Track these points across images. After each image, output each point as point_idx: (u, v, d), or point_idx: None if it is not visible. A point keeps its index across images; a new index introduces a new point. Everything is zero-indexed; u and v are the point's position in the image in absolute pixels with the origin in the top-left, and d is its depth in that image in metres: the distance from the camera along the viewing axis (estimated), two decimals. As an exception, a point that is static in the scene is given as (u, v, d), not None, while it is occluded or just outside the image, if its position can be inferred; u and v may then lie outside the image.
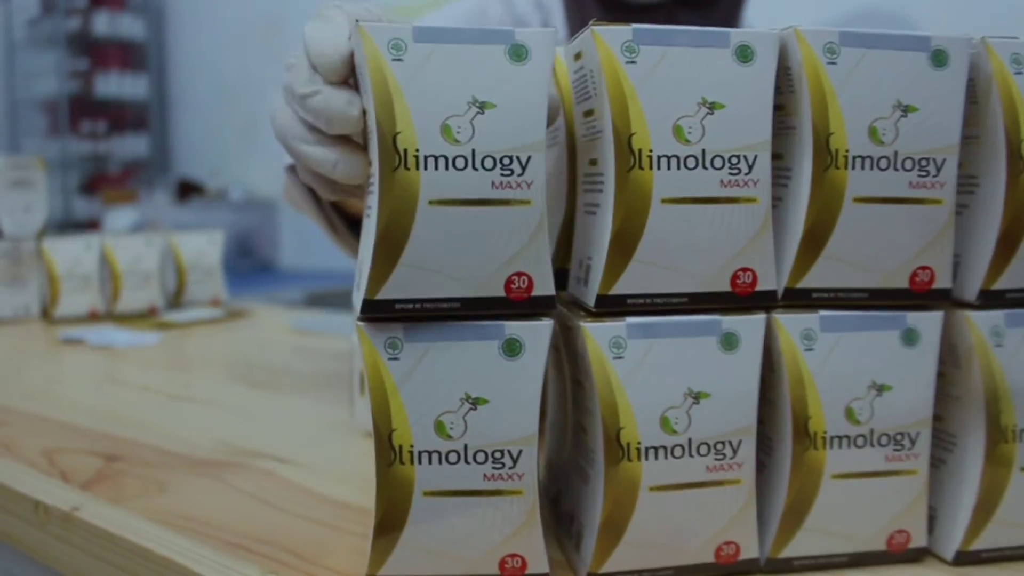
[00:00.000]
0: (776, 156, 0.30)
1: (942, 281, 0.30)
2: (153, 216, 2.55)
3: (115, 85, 3.00)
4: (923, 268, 0.29)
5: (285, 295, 1.78)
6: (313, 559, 0.31)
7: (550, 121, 0.28)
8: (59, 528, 0.36)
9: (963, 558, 0.30)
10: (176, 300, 0.98)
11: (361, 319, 0.27)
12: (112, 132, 3.04)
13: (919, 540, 0.30)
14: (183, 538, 0.33)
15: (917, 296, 0.30)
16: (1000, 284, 0.30)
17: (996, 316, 0.30)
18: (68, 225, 2.81)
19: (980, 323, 0.30)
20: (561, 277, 0.32)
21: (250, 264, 2.57)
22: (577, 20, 0.77)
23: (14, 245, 0.91)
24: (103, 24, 2.96)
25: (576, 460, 0.31)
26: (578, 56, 0.29)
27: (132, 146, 3.09)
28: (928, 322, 0.29)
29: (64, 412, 0.53)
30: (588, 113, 0.29)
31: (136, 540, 0.33)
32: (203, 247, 1.00)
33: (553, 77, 0.28)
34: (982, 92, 0.29)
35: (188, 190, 2.78)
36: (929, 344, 0.29)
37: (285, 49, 0.27)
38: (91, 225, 2.73)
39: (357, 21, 0.27)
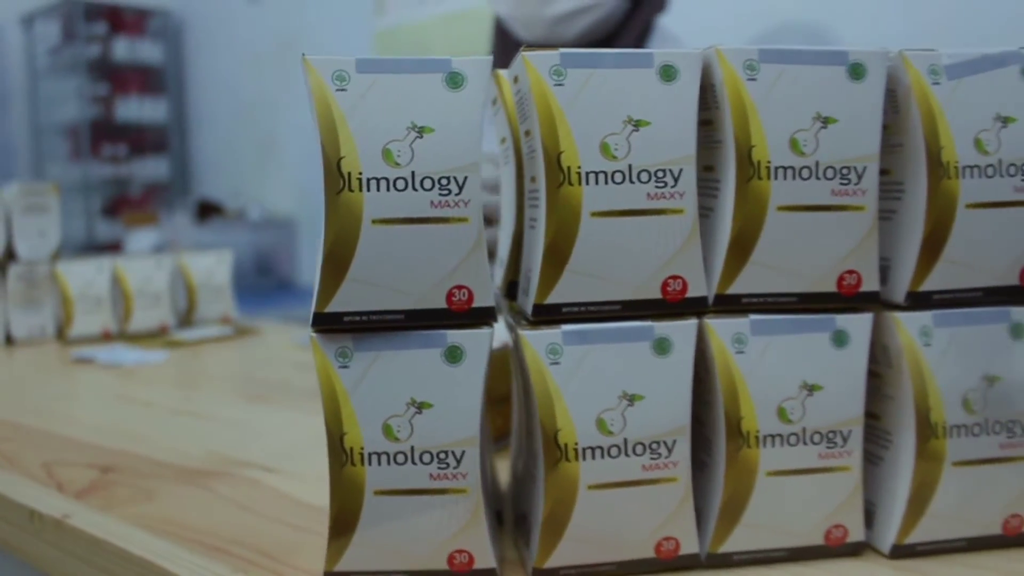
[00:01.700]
0: (707, 168, 0.31)
1: (869, 284, 0.31)
2: (173, 237, 2.61)
3: (135, 109, 3.09)
4: (850, 272, 0.31)
5: (301, 312, 1.81)
6: (282, 559, 0.33)
7: None
8: (52, 535, 0.39)
9: (899, 551, 0.31)
10: (187, 319, 1.02)
11: (313, 331, 0.29)
12: (133, 155, 3.12)
13: (857, 535, 0.32)
14: (163, 541, 0.35)
15: (845, 299, 0.31)
16: (927, 286, 0.31)
17: (924, 317, 0.31)
18: (91, 247, 2.89)
19: (908, 324, 0.31)
20: (515, 289, 0.34)
21: (269, 282, 2.62)
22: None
23: (29, 268, 0.95)
24: (122, 50, 3.05)
25: (528, 463, 0.33)
26: (516, 80, 0.31)
27: (152, 168, 3.17)
28: (857, 324, 0.31)
29: (67, 427, 0.55)
30: (527, 133, 0.31)
31: (119, 544, 0.35)
32: (212, 267, 1.03)
33: (488, 101, 0.30)
34: (903, 103, 0.31)
35: (208, 210, 2.85)
36: (859, 345, 0.31)
37: (299, 68, 0.30)
38: (113, 247, 2.81)
39: (303, 55, 0.29)
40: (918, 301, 0.31)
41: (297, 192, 2.80)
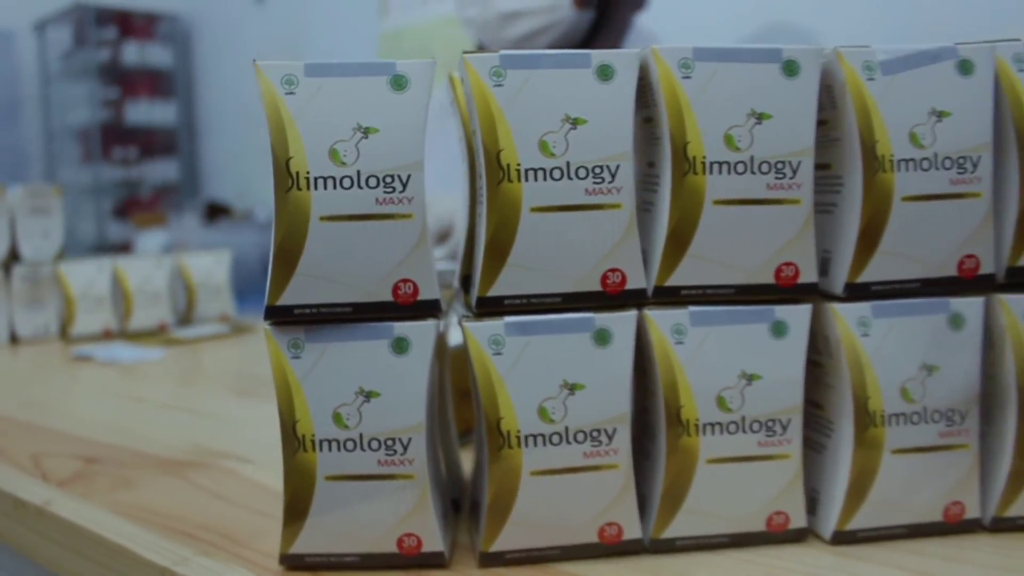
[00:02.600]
0: (650, 164, 0.32)
1: (807, 276, 0.32)
2: (182, 238, 2.64)
3: (145, 112, 3.14)
4: (787, 264, 0.31)
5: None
6: (246, 543, 0.35)
7: None
8: (34, 521, 0.40)
9: (840, 537, 0.32)
10: (187, 317, 1.04)
11: (266, 323, 0.30)
12: (143, 158, 3.17)
13: (798, 521, 0.32)
14: (134, 526, 0.37)
15: (783, 291, 0.32)
16: (865, 277, 0.32)
17: (862, 308, 0.32)
18: (102, 248, 2.93)
19: (846, 315, 0.31)
20: (469, 283, 0.35)
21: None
22: None
23: (33, 269, 0.97)
24: (132, 54, 3.09)
25: (478, 450, 0.34)
26: (462, 81, 0.32)
27: (162, 171, 3.21)
28: (796, 315, 0.31)
29: (58, 421, 0.57)
30: (474, 133, 0.32)
31: (92, 528, 0.37)
32: (211, 267, 1.05)
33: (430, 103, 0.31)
34: (839, 98, 0.32)
35: (216, 212, 2.88)
36: (797, 336, 0.31)
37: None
38: (123, 248, 2.85)
39: (254, 60, 0.30)
40: (856, 292, 0.32)
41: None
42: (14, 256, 0.96)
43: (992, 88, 0.32)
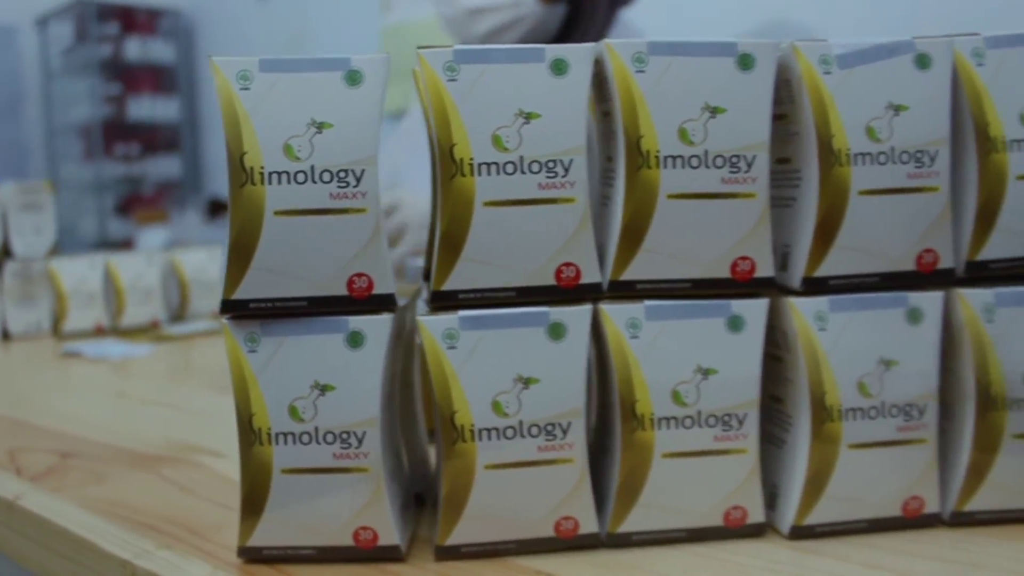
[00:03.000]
0: (608, 158, 0.32)
1: (763, 270, 0.32)
2: (183, 234, 2.65)
3: (147, 108, 3.14)
4: (743, 258, 0.31)
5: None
6: (207, 535, 0.35)
7: None
8: (4, 515, 0.41)
9: (798, 532, 0.32)
10: (180, 313, 1.04)
11: (223, 316, 0.31)
12: (145, 154, 3.18)
13: (756, 516, 0.32)
14: (101, 520, 0.37)
15: (740, 285, 0.32)
16: (822, 271, 0.32)
17: (820, 302, 0.32)
18: (104, 246, 2.95)
19: (803, 309, 0.31)
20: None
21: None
22: None
23: (25, 265, 0.97)
24: (134, 50, 3.10)
25: (436, 445, 0.34)
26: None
27: (165, 167, 3.22)
28: (753, 309, 0.31)
29: (39, 416, 0.58)
30: (431, 127, 0.32)
31: (59, 522, 0.37)
32: (203, 263, 1.06)
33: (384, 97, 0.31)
34: (797, 92, 0.31)
35: (218, 208, 2.89)
36: (754, 330, 0.31)
37: None
38: (125, 245, 2.86)
39: (209, 56, 0.30)
40: (813, 286, 0.32)
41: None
42: (6, 252, 0.97)
43: (949, 82, 0.31)
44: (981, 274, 0.33)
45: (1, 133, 3.16)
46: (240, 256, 0.30)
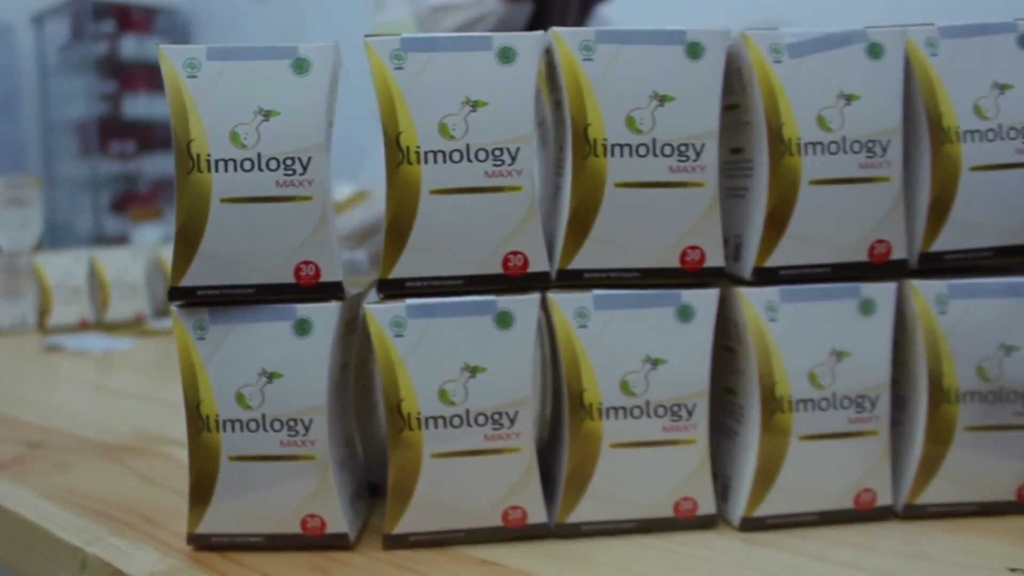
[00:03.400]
0: (560, 148, 0.32)
1: (713, 260, 0.31)
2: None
3: (143, 106, 3.14)
4: (692, 248, 0.31)
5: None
6: (161, 523, 0.35)
7: None
8: (-35, 503, 0.41)
9: (748, 524, 0.32)
10: (165, 308, 1.04)
11: (172, 304, 0.31)
12: (141, 152, 3.18)
13: (707, 507, 0.32)
14: (59, 508, 0.37)
15: (689, 275, 0.31)
16: (773, 261, 0.32)
17: (770, 292, 0.31)
18: (99, 242, 2.95)
19: (753, 299, 0.31)
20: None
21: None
22: None
23: (11, 260, 0.98)
24: (130, 47, 3.10)
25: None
26: (372, 64, 0.32)
27: (161, 165, 3.22)
28: (703, 299, 0.31)
29: (11, 408, 0.58)
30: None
31: (16, 510, 0.37)
32: (189, 257, 1.06)
33: (334, 84, 0.31)
34: (748, 81, 0.31)
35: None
36: (704, 320, 0.31)
37: None
38: (120, 241, 2.86)
39: (157, 44, 0.30)
40: (764, 276, 0.32)
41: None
42: (-8, 246, 0.97)
43: (902, 72, 0.31)
44: (934, 265, 0.32)
45: (-3, 130, 3.17)
46: (187, 243, 0.30)
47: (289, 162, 0.30)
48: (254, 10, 3.04)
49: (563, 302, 0.31)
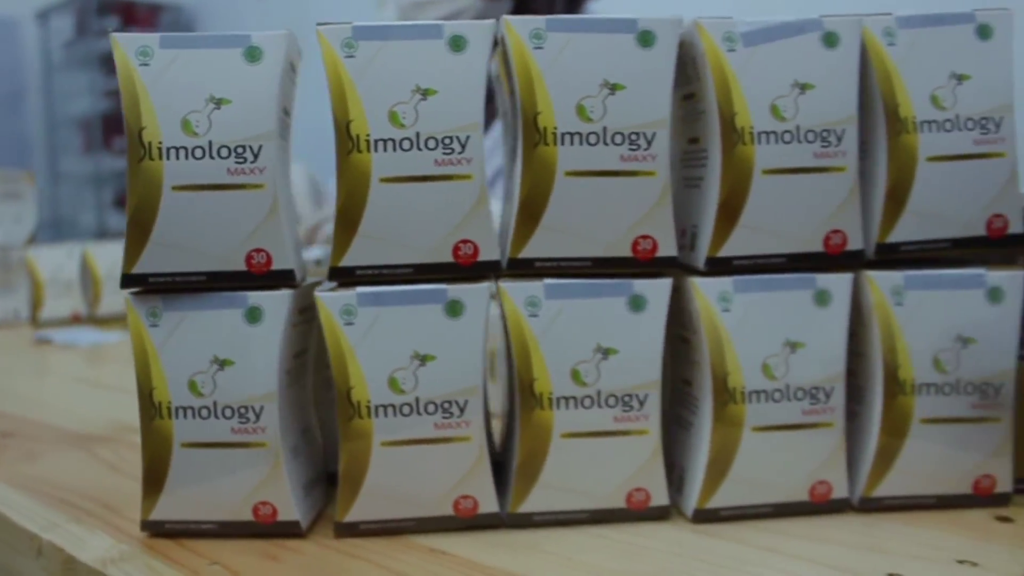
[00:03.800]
0: (514, 137, 0.32)
1: (666, 249, 0.31)
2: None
3: (147, 103, 3.16)
4: (644, 237, 0.31)
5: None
6: (120, 510, 0.35)
7: None
8: (-67, 490, 0.41)
9: (701, 515, 0.32)
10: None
11: (126, 291, 0.31)
12: (145, 148, 3.19)
13: (660, 498, 0.32)
14: (21, 495, 0.37)
15: (642, 264, 0.31)
16: (726, 251, 0.31)
17: (723, 282, 0.31)
18: (103, 237, 2.96)
19: (705, 289, 0.31)
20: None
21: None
22: None
23: (4, 253, 0.98)
24: (135, 45, 3.11)
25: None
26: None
27: (165, 161, 3.24)
28: (655, 289, 0.31)
29: (-7, 396, 0.58)
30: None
31: (-21, 496, 0.37)
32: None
33: (286, 73, 0.31)
34: (701, 70, 0.31)
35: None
36: (656, 310, 0.31)
37: (305, 61, 0.33)
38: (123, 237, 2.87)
39: (110, 32, 0.30)
40: (717, 266, 0.31)
41: (307, 182, 2.84)
42: (-15, 240, 0.98)
43: (857, 61, 0.31)
44: (891, 256, 0.32)
45: (2, 126, 3.19)
46: (139, 230, 0.30)
47: (240, 150, 0.30)
48: (258, 8, 3.05)
49: (513, 291, 0.31)
